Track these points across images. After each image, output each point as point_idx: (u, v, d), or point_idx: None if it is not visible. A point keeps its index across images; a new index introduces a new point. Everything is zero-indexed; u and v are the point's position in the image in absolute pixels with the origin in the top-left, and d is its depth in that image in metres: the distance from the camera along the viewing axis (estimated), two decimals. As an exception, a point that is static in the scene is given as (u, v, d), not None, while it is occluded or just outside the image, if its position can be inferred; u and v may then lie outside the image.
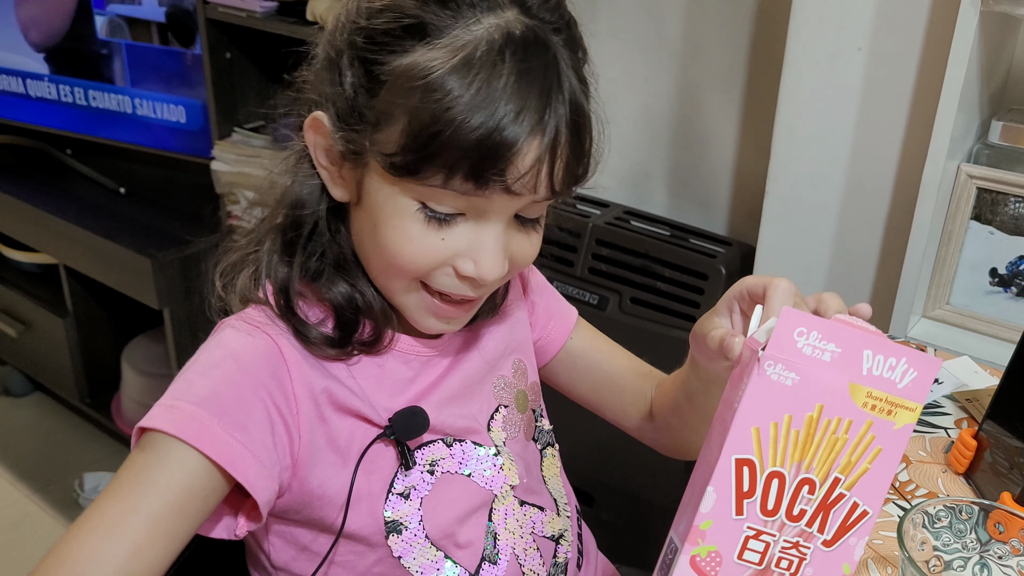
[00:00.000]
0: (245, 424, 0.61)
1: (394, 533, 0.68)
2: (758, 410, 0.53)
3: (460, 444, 0.73)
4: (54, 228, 1.91)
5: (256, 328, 0.65)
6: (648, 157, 1.69)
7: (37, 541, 1.91)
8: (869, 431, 0.53)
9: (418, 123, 0.58)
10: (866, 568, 0.77)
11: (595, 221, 1.58)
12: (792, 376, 0.53)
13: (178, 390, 0.62)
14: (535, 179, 0.60)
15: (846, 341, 0.53)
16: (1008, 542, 0.67)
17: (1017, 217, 1.13)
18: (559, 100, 0.59)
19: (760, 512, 0.54)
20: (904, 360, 0.53)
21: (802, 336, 0.52)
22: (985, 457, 0.86)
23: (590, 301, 1.56)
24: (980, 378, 1.06)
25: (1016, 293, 1.16)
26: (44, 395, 2.36)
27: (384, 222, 0.62)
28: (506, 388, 0.79)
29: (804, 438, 0.53)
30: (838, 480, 0.54)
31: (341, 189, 0.66)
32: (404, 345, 0.71)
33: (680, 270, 1.50)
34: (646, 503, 1.57)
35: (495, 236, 0.63)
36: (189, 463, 0.59)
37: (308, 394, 0.65)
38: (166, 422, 0.60)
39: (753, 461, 0.53)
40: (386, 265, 0.64)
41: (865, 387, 0.53)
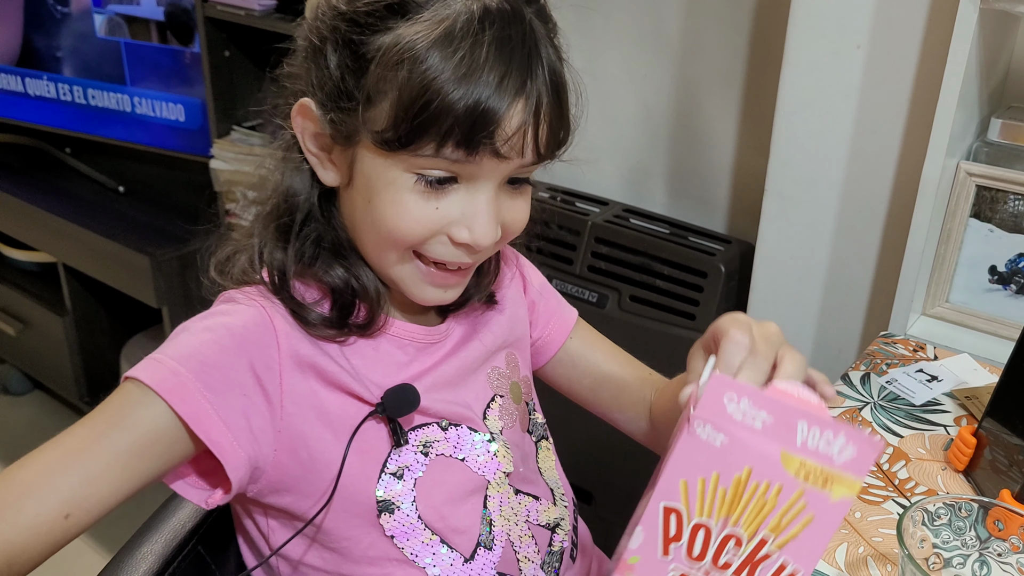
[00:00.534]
0: (218, 388, 0.63)
1: (386, 512, 0.69)
2: (686, 465, 0.54)
3: (456, 428, 0.73)
4: (53, 227, 1.91)
5: (252, 300, 0.68)
6: (647, 155, 1.68)
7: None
8: (801, 499, 0.53)
9: (407, 96, 0.60)
10: (865, 566, 0.77)
11: (594, 219, 1.58)
12: (720, 437, 0.53)
13: (166, 346, 0.64)
14: (522, 142, 0.63)
15: (778, 412, 0.53)
16: (1008, 539, 0.67)
17: (1016, 215, 1.13)
18: (539, 65, 0.63)
19: (686, 556, 0.55)
20: (843, 435, 0.52)
21: (732, 402, 0.53)
22: (984, 455, 0.86)
23: (589, 299, 1.56)
24: (979, 375, 1.06)
25: (1015, 291, 1.16)
26: (43, 394, 2.36)
27: (378, 196, 0.64)
28: (500, 378, 0.79)
29: (732, 496, 0.54)
30: (765, 540, 0.54)
31: (332, 173, 0.68)
32: (401, 330, 0.72)
33: (679, 268, 1.50)
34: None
35: (487, 202, 0.65)
36: (157, 412, 0.61)
37: (295, 365, 0.66)
38: (145, 373, 0.62)
39: (680, 511, 0.55)
40: (381, 239, 0.66)
41: (798, 457, 0.53)
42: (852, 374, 1.05)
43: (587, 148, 1.85)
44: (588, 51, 1.67)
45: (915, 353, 1.10)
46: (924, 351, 1.11)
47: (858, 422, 0.95)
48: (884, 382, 1.03)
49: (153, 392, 0.61)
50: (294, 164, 0.69)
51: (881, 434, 0.94)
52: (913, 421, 0.96)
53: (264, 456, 0.65)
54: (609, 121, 1.71)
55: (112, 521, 1.90)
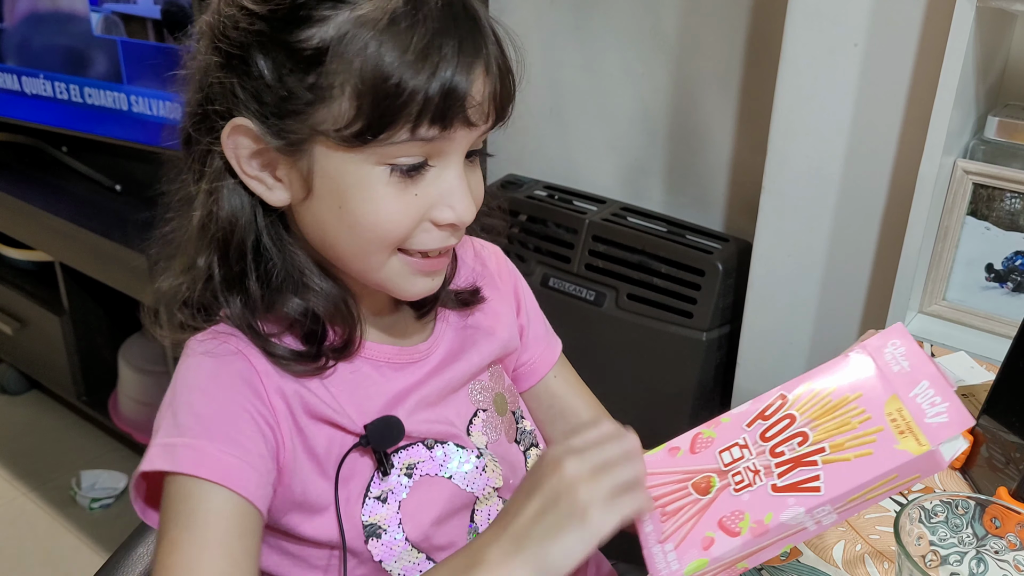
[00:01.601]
0: (236, 438, 0.62)
1: (373, 537, 0.68)
2: (822, 374, 0.62)
3: (442, 446, 0.72)
4: (50, 226, 1.91)
5: (221, 341, 0.65)
6: (644, 153, 1.68)
7: (34, 539, 1.91)
8: (875, 434, 0.58)
9: (368, 85, 0.57)
10: (863, 563, 0.77)
11: (592, 217, 1.58)
12: (869, 362, 0.61)
13: (167, 426, 0.62)
14: (489, 106, 0.62)
15: (917, 367, 0.60)
16: (1004, 537, 0.67)
17: (1013, 212, 1.14)
18: (483, 28, 0.62)
19: (760, 436, 0.61)
20: (947, 405, 0.57)
21: (894, 346, 0.61)
22: (981, 452, 0.86)
23: (587, 297, 1.56)
24: (976, 373, 1.06)
25: (1012, 288, 1.16)
26: (41, 393, 2.35)
27: (352, 198, 0.61)
28: (483, 392, 0.78)
29: (831, 407, 0.60)
30: (822, 450, 0.59)
31: (280, 191, 0.63)
32: (377, 352, 0.71)
33: (677, 266, 1.50)
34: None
35: (459, 176, 0.63)
36: (212, 492, 0.60)
37: (283, 402, 0.65)
38: (163, 461, 0.61)
39: (787, 398, 0.62)
40: (364, 242, 0.63)
41: (901, 402, 0.58)
42: (849, 372, 1.05)
43: (585, 146, 1.85)
44: (586, 50, 1.67)
45: (912, 351, 1.10)
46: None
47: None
48: (881, 380, 1.03)
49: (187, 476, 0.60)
50: (228, 191, 0.64)
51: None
52: (910, 419, 0.96)
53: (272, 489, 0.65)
54: (607, 119, 1.71)
55: (109, 521, 1.91)
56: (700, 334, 1.48)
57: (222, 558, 0.59)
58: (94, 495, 1.98)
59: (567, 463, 0.57)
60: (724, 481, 0.60)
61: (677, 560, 0.59)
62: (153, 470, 0.61)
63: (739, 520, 0.58)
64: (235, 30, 0.60)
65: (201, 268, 0.65)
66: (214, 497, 0.60)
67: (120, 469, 2.06)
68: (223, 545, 0.59)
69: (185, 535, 0.59)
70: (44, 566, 1.84)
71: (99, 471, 2.04)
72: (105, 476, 2.03)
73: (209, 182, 0.64)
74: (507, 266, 0.85)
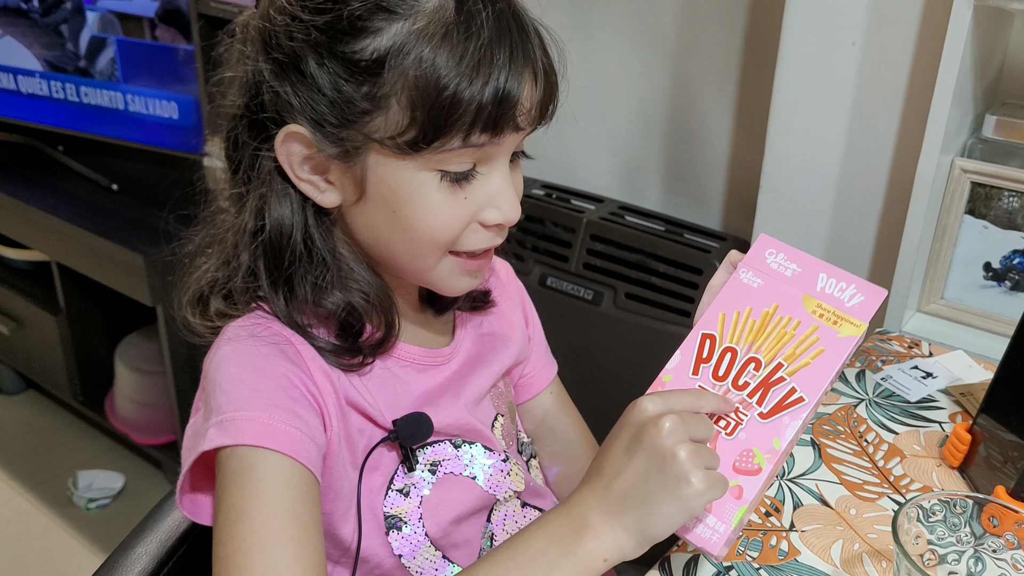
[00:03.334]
0: (295, 410, 0.62)
1: (394, 529, 0.68)
2: (728, 301, 0.65)
3: (469, 447, 0.73)
4: (46, 225, 1.90)
5: (264, 328, 0.65)
6: (642, 152, 1.68)
7: (30, 539, 1.90)
8: (815, 333, 0.63)
9: (423, 95, 0.58)
10: (861, 562, 0.77)
11: (589, 216, 1.58)
12: (758, 281, 0.65)
13: (221, 403, 0.61)
14: (535, 111, 0.63)
15: (806, 264, 0.65)
16: (1002, 535, 0.67)
17: (1011, 211, 1.14)
18: (529, 29, 0.63)
19: (712, 376, 0.64)
20: (853, 286, 0.64)
21: (771, 255, 0.66)
22: (979, 451, 0.86)
23: (585, 296, 1.56)
24: (974, 372, 1.06)
25: (1010, 287, 1.16)
26: (37, 393, 2.35)
27: (405, 203, 0.62)
28: (500, 398, 0.80)
29: (759, 326, 0.64)
30: (781, 365, 0.63)
31: (332, 194, 0.64)
32: (404, 352, 0.71)
33: (675, 265, 1.50)
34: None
35: (505, 177, 0.65)
36: (275, 461, 0.60)
37: (328, 383, 0.65)
38: (225, 437, 0.60)
39: (715, 336, 0.65)
40: (418, 245, 0.64)
41: (816, 299, 0.64)
42: (847, 371, 1.05)
43: (583, 145, 1.85)
44: (584, 48, 1.67)
45: (910, 350, 1.10)
46: (919, 348, 1.11)
47: (853, 419, 0.96)
48: (879, 379, 1.03)
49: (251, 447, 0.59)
50: (277, 194, 0.65)
51: (876, 431, 0.94)
52: (908, 418, 0.96)
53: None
54: (605, 118, 1.71)
55: (106, 521, 1.91)
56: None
57: (295, 526, 0.58)
58: (91, 495, 1.98)
59: (667, 422, 0.57)
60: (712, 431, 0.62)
61: (720, 521, 0.60)
62: (214, 447, 0.60)
63: (752, 458, 0.61)
64: (290, 40, 0.61)
65: (245, 264, 0.66)
66: (278, 466, 0.60)
67: (117, 469, 2.06)
68: (292, 512, 0.59)
69: (252, 504, 0.58)
70: (41, 567, 1.84)
71: (96, 471, 2.04)
72: (102, 476, 2.03)
73: (259, 184, 0.65)
74: (516, 281, 0.87)
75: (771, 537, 0.80)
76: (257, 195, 0.66)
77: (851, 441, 0.92)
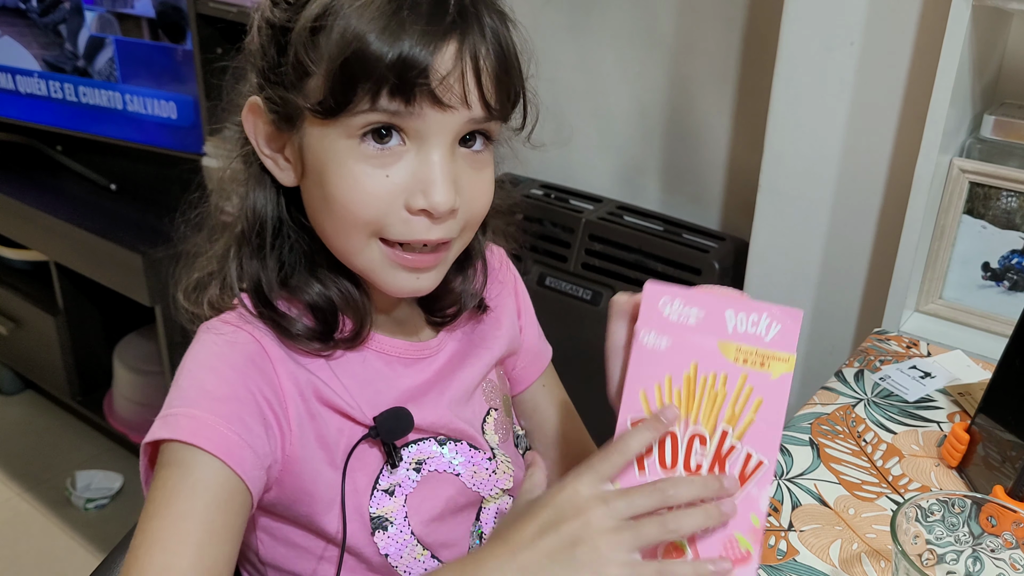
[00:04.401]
0: (240, 416, 0.62)
1: (380, 530, 0.68)
2: (642, 375, 0.58)
3: (455, 444, 0.72)
4: (45, 225, 1.90)
5: (236, 328, 0.66)
6: (641, 152, 1.68)
7: (29, 540, 1.90)
8: (746, 383, 0.57)
9: (336, 56, 0.58)
10: (859, 562, 0.77)
11: (588, 216, 1.58)
12: (665, 340, 0.58)
13: (172, 399, 0.63)
14: (463, 89, 0.60)
15: (708, 304, 0.57)
16: (1000, 535, 0.67)
17: (1009, 211, 1.14)
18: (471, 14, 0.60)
19: (659, 467, 0.58)
20: (766, 315, 0.57)
21: (666, 305, 0.58)
22: (978, 451, 0.86)
23: (583, 296, 1.56)
24: (973, 372, 1.06)
25: (1008, 287, 1.16)
26: (35, 393, 2.35)
27: (329, 174, 0.62)
28: (493, 392, 0.79)
29: (686, 395, 0.58)
30: (726, 432, 0.57)
31: (287, 172, 0.66)
32: (387, 345, 0.71)
33: (673, 265, 1.49)
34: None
35: (439, 162, 0.61)
36: (205, 462, 0.60)
37: (295, 389, 0.65)
38: (164, 430, 0.61)
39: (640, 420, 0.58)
40: (339, 221, 0.63)
41: (733, 343, 0.57)
42: (846, 371, 1.05)
43: (581, 145, 1.85)
44: (582, 48, 1.67)
45: (908, 350, 1.10)
46: (917, 348, 1.11)
47: (852, 419, 0.96)
48: (878, 379, 1.03)
49: (187, 445, 0.60)
50: (255, 177, 0.67)
51: (875, 431, 0.94)
52: (906, 418, 0.96)
53: (272, 477, 0.65)
54: (603, 118, 1.70)
55: (104, 522, 1.91)
56: (696, 333, 1.48)
57: (201, 531, 0.58)
58: (89, 495, 1.98)
59: (594, 509, 0.55)
60: None
61: None
62: (154, 440, 0.61)
63: (737, 545, 0.57)
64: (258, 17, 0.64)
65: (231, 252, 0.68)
66: (206, 467, 0.60)
67: (115, 469, 2.05)
68: (205, 518, 0.59)
69: (169, 502, 0.59)
70: (39, 567, 1.84)
71: (94, 471, 2.03)
72: (100, 476, 2.02)
73: (245, 170, 0.68)
74: (510, 267, 0.85)
75: (769, 537, 0.80)
76: (242, 181, 0.68)
77: (849, 441, 0.92)
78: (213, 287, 0.69)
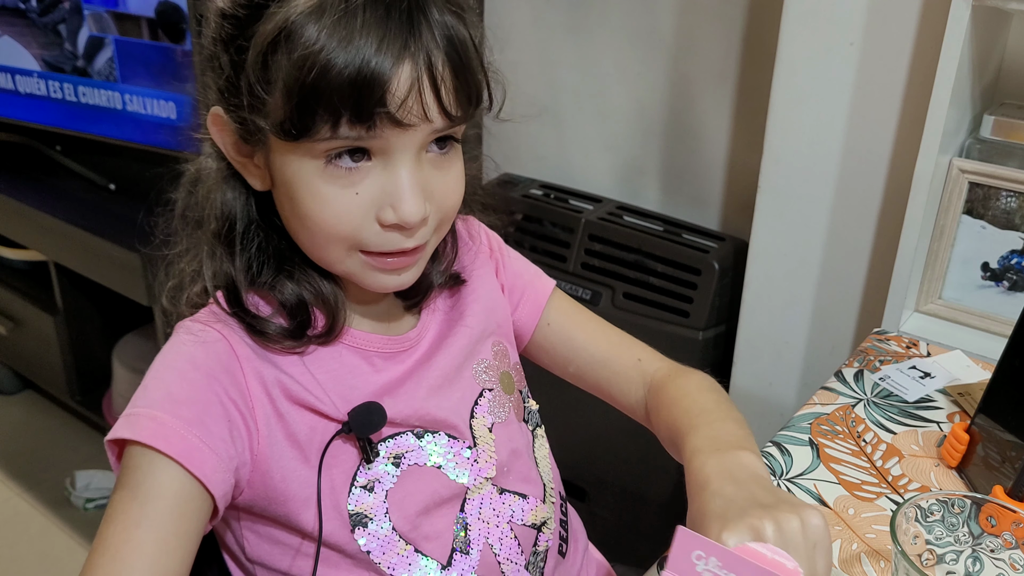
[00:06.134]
0: (202, 419, 0.62)
1: (359, 527, 0.68)
2: None
3: (433, 436, 0.72)
4: (43, 225, 1.90)
5: (206, 327, 0.66)
6: (641, 152, 1.68)
7: (28, 539, 1.90)
8: None
9: (292, 78, 0.58)
10: (859, 562, 0.77)
11: (588, 216, 1.58)
12: None
13: (136, 398, 0.63)
14: (420, 105, 0.59)
15: (744, 571, 0.50)
16: (1000, 535, 0.67)
17: (1009, 211, 1.14)
18: (422, 22, 0.59)
19: None
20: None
21: (700, 560, 0.50)
22: (977, 451, 0.86)
23: (583, 296, 1.56)
24: (972, 372, 1.06)
25: (1008, 287, 1.16)
26: (35, 393, 2.35)
27: (297, 193, 0.62)
28: (488, 371, 0.77)
29: None
30: None
31: (257, 178, 0.66)
32: (363, 341, 0.71)
33: (673, 265, 1.50)
34: (639, 498, 1.57)
35: (406, 175, 0.61)
36: (163, 467, 0.60)
37: (262, 388, 0.65)
38: (125, 429, 0.61)
39: None
40: (314, 236, 0.64)
41: None
42: (845, 371, 1.05)
43: (581, 145, 1.85)
44: (582, 49, 1.67)
45: (908, 350, 1.10)
46: (917, 348, 1.11)
47: (851, 419, 0.96)
48: (877, 379, 1.03)
49: (146, 447, 0.60)
50: (224, 177, 0.68)
51: (874, 431, 0.94)
52: (906, 418, 0.96)
53: (242, 479, 0.65)
54: (603, 118, 1.70)
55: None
56: (696, 333, 1.48)
57: (155, 538, 0.59)
58: (88, 495, 1.98)
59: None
60: None
61: None
62: (115, 438, 0.61)
63: None
64: (211, 27, 0.63)
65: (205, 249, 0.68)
66: (164, 472, 0.60)
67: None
68: (159, 525, 0.59)
69: (126, 509, 0.59)
70: (38, 566, 1.84)
71: (93, 471, 2.03)
72: (99, 476, 2.02)
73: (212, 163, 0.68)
74: (482, 232, 0.84)
75: (769, 537, 0.79)
76: (214, 180, 0.68)
77: (849, 441, 0.92)
78: (192, 286, 0.69)
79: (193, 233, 0.70)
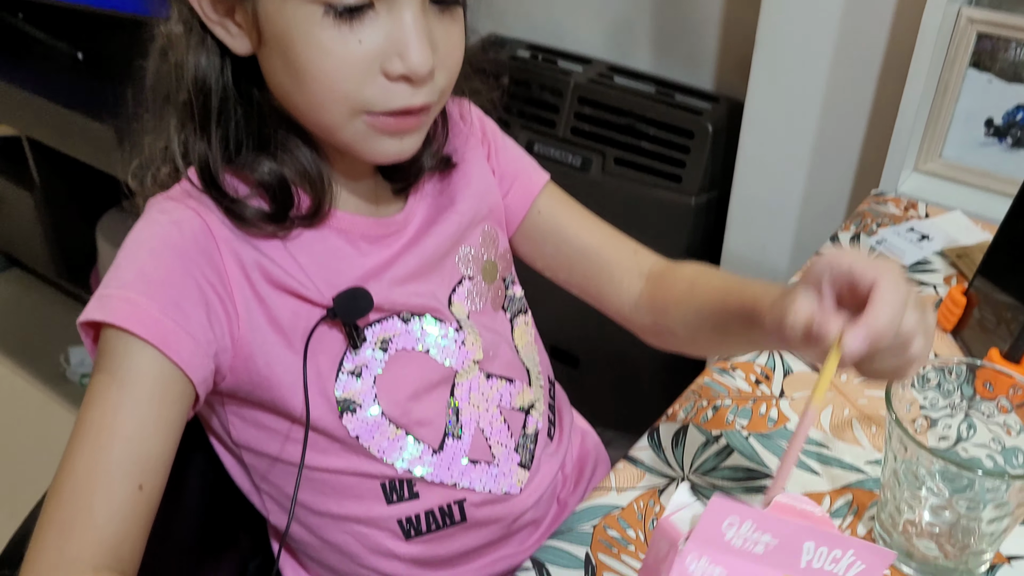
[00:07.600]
0: (178, 302, 0.59)
1: (347, 412, 0.67)
2: None
3: (419, 319, 0.70)
4: (12, 98, 1.83)
5: (180, 204, 0.62)
6: (631, 9, 1.61)
7: (27, 416, 1.92)
8: None
9: None
10: (850, 427, 0.76)
11: (577, 79, 1.52)
12: (718, 571, 0.47)
13: (109, 278, 0.60)
14: None
15: (784, 531, 0.47)
16: (996, 400, 0.66)
17: (1017, 63, 1.08)
18: None
19: None
20: (851, 552, 0.47)
21: (732, 528, 0.46)
22: (973, 314, 0.85)
23: (573, 163, 1.52)
24: (971, 233, 1.04)
25: (1011, 144, 1.12)
26: (20, 271, 2.33)
27: (295, 46, 0.57)
28: (473, 259, 0.75)
29: None
30: None
31: (240, 39, 0.60)
32: (349, 224, 0.68)
33: (666, 128, 1.45)
34: (631, 363, 1.58)
35: (412, 21, 0.57)
36: (139, 351, 0.58)
37: (240, 270, 0.62)
38: (98, 311, 0.58)
39: None
40: (314, 95, 0.59)
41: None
42: (841, 235, 1.02)
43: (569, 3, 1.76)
44: None
45: (906, 212, 1.08)
46: (916, 209, 1.08)
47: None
48: (874, 242, 1.01)
49: (120, 330, 0.57)
50: (196, 43, 0.61)
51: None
52: (902, 281, 0.95)
53: (224, 364, 0.63)
54: (592, -28, 1.62)
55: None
56: (689, 198, 1.45)
57: (133, 423, 0.57)
58: (84, 371, 1.99)
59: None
60: None
61: None
62: (88, 320, 0.59)
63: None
64: None
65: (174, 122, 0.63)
66: (141, 356, 0.58)
67: (107, 345, 2.06)
68: (136, 410, 0.58)
69: (103, 393, 0.58)
70: (39, 441, 1.87)
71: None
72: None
73: (185, 35, 0.61)
74: (474, 114, 0.80)
75: (760, 405, 0.79)
76: (183, 47, 0.62)
77: (843, 306, 0.91)
78: (160, 165, 0.65)
79: (164, 107, 0.64)
